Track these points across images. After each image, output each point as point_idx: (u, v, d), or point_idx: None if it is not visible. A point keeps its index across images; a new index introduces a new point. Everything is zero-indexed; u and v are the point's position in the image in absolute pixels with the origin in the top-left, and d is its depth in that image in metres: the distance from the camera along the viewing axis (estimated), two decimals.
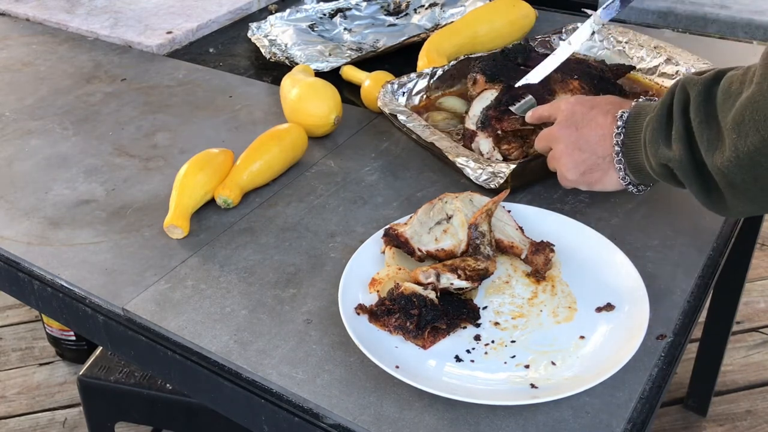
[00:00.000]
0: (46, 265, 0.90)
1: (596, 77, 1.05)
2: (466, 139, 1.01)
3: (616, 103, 0.85)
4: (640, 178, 0.82)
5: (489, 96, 1.03)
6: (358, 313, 0.77)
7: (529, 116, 0.95)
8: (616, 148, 0.81)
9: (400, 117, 1.03)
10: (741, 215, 0.77)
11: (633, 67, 1.14)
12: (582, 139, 0.85)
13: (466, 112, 1.04)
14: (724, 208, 0.73)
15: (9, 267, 0.93)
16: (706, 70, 0.73)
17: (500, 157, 0.98)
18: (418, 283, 0.77)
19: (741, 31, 1.49)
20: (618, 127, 0.81)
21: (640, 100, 0.83)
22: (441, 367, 0.72)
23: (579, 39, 1.05)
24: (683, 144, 0.72)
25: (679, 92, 0.73)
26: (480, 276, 0.78)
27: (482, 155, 0.98)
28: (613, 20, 1.37)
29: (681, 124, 0.72)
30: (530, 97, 0.98)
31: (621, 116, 0.81)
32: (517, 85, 1.02)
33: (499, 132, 0.98)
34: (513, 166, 0.91)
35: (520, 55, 1.12)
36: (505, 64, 1.09)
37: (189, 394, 0.89)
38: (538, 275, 0.82)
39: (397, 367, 0.70)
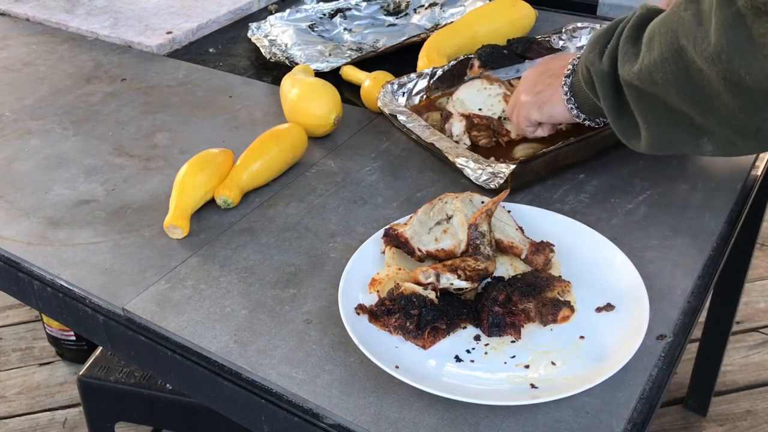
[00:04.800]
0: (46, 265, 0.90)
1: None
2: (443, 119, 1.05)
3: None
4: (579, 100, 0.87)
5: (478, 85, 1.06)
6: (358, 313, 0.77)
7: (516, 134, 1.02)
8: (570, 66, 0.86)
9: (400, 117, 1.03)
10: (650, 148, 0.77)
11: None
12: (545, 68, 0.93)
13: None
14: (635, 135, 0.76)
15: (9, 267, 0.93)
16: None
17: (468, 143, 1.02)
18: (418, 283, 0.77)
19: None
20: (580, 53, 0.85)
21: None
22: (441, 367, 0.72)
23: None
24: (611, 58, 0.75)
25: (632, 14, 0.76)
26: (480, 276, 0.78)
27: (452, 137, 1.02)
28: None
29: (617, 40, 0.75)
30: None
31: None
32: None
33: (475, 121, 1.02)
34: (513, 166, 0.91)
35: (521, 45, 1.14)
36: (502, 52, 1.11)
37: (189, 394, 0.89)
38: None
39: (397, 367, 0.70)
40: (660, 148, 0.76)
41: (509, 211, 0.88)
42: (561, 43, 1.22)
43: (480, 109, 1.03)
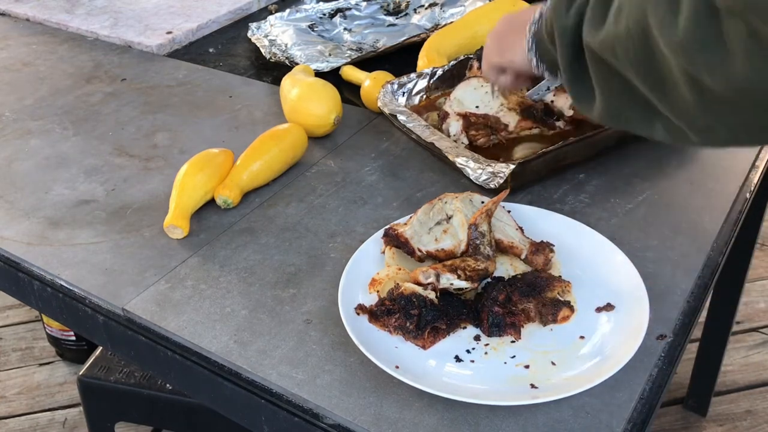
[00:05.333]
0: (46, 265, 0.90)
1: None
2: (440, 119, 1.05)
3: None
4: (540, 50, 0.83)
5: (475, 84, 1.05)
6: (358, 313, 0.77)
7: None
8: (537, 13, 0.82)
9: (400, 117, 1.03)
10: (601, 118, 0.73)
11: None
12: (518, 16, 0.89)
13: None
14: (588, 101, 0.72)
15: (9, 267, 0.93)
16: None
17: (466, 142, 1.01)
18: (418, 284, 0.77)
19: None
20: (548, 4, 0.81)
21: None
22: (441, 367, 0.72)
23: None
24: (578, 14, 0.71)
25: None
26: (480, 276, 0.78)
27: (450, 136, 1.01)
28: None
29: None
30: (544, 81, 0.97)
31: None
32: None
33: (471, 119, 1.01)
34: (513, 166, 0.91)
35: None
36: None
37: (189, 394, 0.89)
38: None
39: (397, 367, 0.70)
40: (611, 119, 0.73)
41: (509, 211, 0.88)
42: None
43: (477, 107, 1.03)
